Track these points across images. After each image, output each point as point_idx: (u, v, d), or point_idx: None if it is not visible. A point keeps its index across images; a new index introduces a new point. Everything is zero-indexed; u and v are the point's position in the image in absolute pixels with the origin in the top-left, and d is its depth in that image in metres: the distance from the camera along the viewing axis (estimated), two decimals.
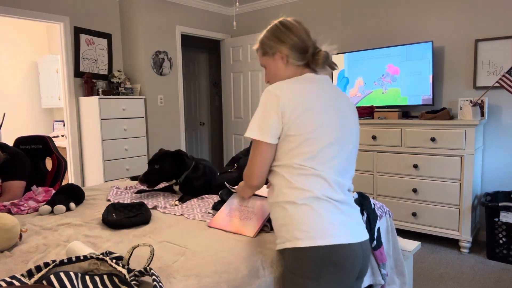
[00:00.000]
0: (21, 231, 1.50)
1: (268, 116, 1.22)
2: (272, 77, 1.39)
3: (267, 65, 1.39)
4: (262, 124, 1.22)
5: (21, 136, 3.07)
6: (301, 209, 1.20)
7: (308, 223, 1.19)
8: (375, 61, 3.71)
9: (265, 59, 1.39)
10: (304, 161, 1.22)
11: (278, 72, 1.37)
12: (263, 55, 1.39)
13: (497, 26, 3.24)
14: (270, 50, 1.36)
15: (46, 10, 3.77)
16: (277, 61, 1.36)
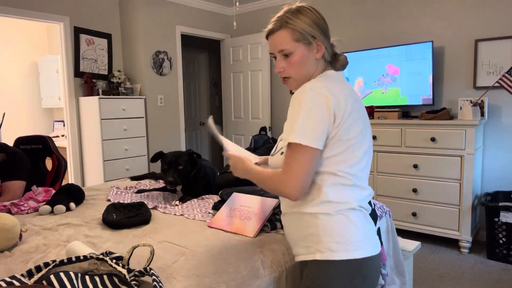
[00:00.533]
0: (21, 231, 1.50)
1: (317, 118, 1.06)
2: (295, 69, 1.18)
3: (294, 53, 1.16)
4: (310, 127, 1.06)
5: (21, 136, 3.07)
6: (336, 219, 1.12)
7: (344, 234, 1.11)
8: (375, 61, 3.71)
9: (294, 46, 1.16)
10: (347, 169, 1.13)
11: (306, 66, 1.18)
12: (295, 41, 1.15)
13: (497, 26, 3.24)
14: (307, 36, 1.15)
15: (46, 10, 3.77)
16: (311, 53, 1.17)
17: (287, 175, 1.08)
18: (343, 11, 4.12)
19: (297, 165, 1.07)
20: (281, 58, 1.18)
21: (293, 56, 1.16)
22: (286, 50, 1.16)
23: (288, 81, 1.21)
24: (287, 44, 1.15)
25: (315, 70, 1.20)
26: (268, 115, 4.80)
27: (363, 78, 3.81)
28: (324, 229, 1.11)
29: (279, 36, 1.16)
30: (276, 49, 1.18)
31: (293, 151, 1.07)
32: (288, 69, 1.18)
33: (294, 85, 1.21)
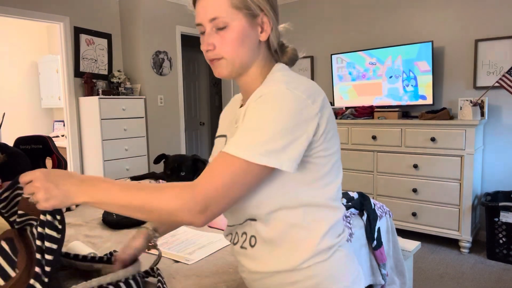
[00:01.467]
0: None
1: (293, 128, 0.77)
2: (231, 47, 0.85)
3: (231, 26, 0.84)
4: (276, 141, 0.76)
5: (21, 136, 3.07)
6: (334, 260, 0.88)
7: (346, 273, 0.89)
8: (375, 61, 3.71)
9: (233, 15, 0.84)
10: (338, 193, 0.89)
11: (245, 45, 0.86)
12: (234, 7, 0.83)
13: (497, 26, 3.24)
14: (252, 5, 0.85)
15: (46, 10, 3.77)
16: (254, 30, 0.86)
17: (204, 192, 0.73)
18: (343, 11, 4.12)
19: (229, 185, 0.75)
20: (212, 31, 0.85)
21: (229, 29, 0.84)
22: (220, 19, 0.83)
23: (219, 63, 0.87)
24: (222, 11, 0.83)
25: (256, 57, 0.89)
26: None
27: (363, 78, 3.81)
28: (327, 278, 0.86)
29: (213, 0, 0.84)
30: (206, 18, 0.85)
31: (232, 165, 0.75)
32: (221, 47, 0.85)
33: (226, 70, 0.88)
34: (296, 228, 0.85)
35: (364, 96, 3.83)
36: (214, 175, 0.75)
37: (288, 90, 0.79)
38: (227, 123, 1.03)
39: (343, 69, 3.94)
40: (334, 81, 4.01)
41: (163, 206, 0.72)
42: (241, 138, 0.77)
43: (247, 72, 0.91)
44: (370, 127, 3.51)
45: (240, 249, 0.93)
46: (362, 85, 3.83)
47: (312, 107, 0.80)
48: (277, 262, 0.86)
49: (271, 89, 0.80)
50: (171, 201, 0.72)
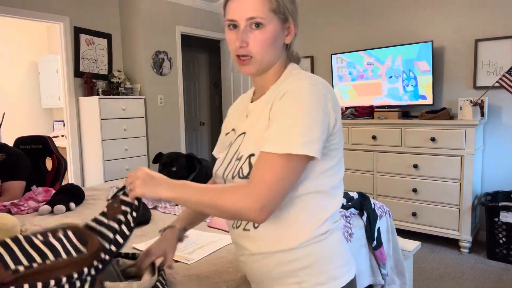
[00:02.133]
0: (21, 231, 1.50)
1: (318, 122, 0.85)
2: (264, 48, 0.91)
3: (267, 27, 0.90)
4: (310, 132, 0.84)
5: (21, 136, 3.07)
6: (330, 242, 0.95)
7: (340, 255, 0.97)
8: (375, 61, 3.71)
9: (270, 17, 0.89)
10: (337, 182, 0.96)
11: (275, 47, 0.93)
12: (271, 11, 0.89)
13: (497, 26, 3.24)
14: (286, 12, 0.92)
15: (46, 10, 3.77)
16: (283, 33, 0.94)
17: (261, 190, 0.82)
18: (342, 11, 4.12)
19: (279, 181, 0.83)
20: (247, 28, 0.90)
21: (265, 30, 0.89)
22: (258, 19, 0.88)
23: (249, 61, 0.93)
24: (261, 11, 0.88)
25: (279, 59, 0.97)
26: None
27: (363, 78, 3.81)
28: (322, 257, 0.93)
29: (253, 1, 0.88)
30: (243, 15, 0.89)
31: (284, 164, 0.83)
32: (254, 45, 0.90)
33: (254, 69, 0.95)
34: (300, 211, 0.91)
35: (364, 96, 3.83)
36: (265, 175, 0.83)
37: (312, 86, 0.86)
38: (236, 118, 1.09)
39: (343, 69, 3.94)
40: (334, 81, 4.01)
41: (229, 206, 0.83)
42: (280, 135, 0.84)
43: (269, 70, 0.98)
44: (370, 127, 3.51)
45: (242, 232, 0.97)
46: (362, 85, 3.83)
47: (330, 102, 0.88)
48: (279, 242, 0.92)
49: (296, 85, 0.87)
50: (236, 203, 0.82)
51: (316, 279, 0.92)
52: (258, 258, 0.96)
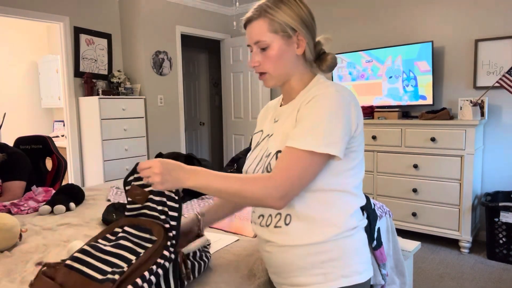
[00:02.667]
0: (21, 231, 1.50)
1: (341, 125, 0.95)
2: (272, 64, 1.05)
3: (271, 46, 1.03)
4: (332, 133, 0.94)
5: (21, 136, 3.07)
6: (357, 238, 1.04)
7: (364, 252, 1.05)
8: (375, 61, 3.71)
9: (271, 38, 1.03)
10: (357, 182, 1.06)
11: (284, 61, 1.05)
12: (272, 32, 1.03)
13: (497, 26, 3.24)
14: (286, 28, 1.03)
15: (46, 10, 3.77)
16: (291, 47, 1.05)
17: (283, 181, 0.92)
18: (342, 11, 4.12)
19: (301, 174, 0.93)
20: (257, 50, 1.06)
21: (270, 49, 1.04)
22: (262, 42, 1.03)
23: (265, 77, 1.08)
24: (263, 35, 1.03)
25: (296, 68, 1.08)
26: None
27: (362, 78, 3.81)
28: (349, 251, 1.01)
29: (256, 26, 1.04)
30: (252, 40, 1.05)
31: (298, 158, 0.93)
32: (264, 64, 1.06)
33: (271, 82, 1.08)
34: (328, 209, 1.00)
35: (364, 96, 3.83)
36: (288, 167, 0.93)
37: (338, 92, 0.97)
38: (264, 121, 1.22)
39: (343, 69, 3.94)
40: (334, 81, 4.01)
41: (252, 195, 0.92)
42: (305, 133, 0.95)
43: (290, 80, 1.09)
44: (370, 127, 3.51)
45: (274, 229, 1.04)
46: (362, 85, 3.83)
47: (353, 109, 0.98)
48: (311, 236, 1.00)
49: (324, 92, 0.98)
50: (259, 191, 0.91)
51: (341, 271, 1.00)
52: (286, 249, 1.02)
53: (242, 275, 1.22)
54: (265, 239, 1.07)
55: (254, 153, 1.14)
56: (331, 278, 0.99)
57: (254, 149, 1.16)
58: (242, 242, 1.45)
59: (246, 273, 1.24)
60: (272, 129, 1.12)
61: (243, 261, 1.30)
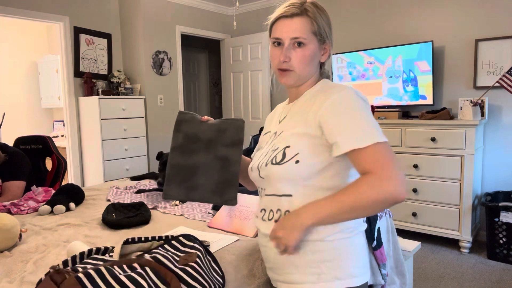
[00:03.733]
0: (21, 231, 1.50)
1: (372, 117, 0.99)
2: (302, 64, 1.05)
3: (308, 46, 1.04)
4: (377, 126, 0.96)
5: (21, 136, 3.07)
6: (355, 241, 1.03)
7: (361, 256, 1.04)
8: (375, 61, 3.71)
9: (310, 38, 1.05)
10: None
11: (312, 64, 1.07)
12: (312, 33, 1.05)
13: (497, 26, 3.24)
14: (323, 34, 1.07)
15: (46, 10, 3.77)
16: (320, 53, 1.09)
17: (390, 171, 0.89)
18: (342, 11, 4.12)
19: (394, 162, 0.91)
20: (290, 46, 1.04)
21: (306, 48, 1.04)
22: (301, 39, 1.03)
23: (289, 74, 1.07)
24: (305, 33, 1.03)
25: (314, 74, 1.11)
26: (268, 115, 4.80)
27: (363, 78, 3.81)
28: (345, 254, 1.00)
29: (299, 22, 1.03)
30: (289, 35, 1.04)
31: (380, 150, 0.91)
32: (295, 61, 1.05)
33: (293, 80, 1.08)
34: None
35: None
36: (380, 160, 0.91)
37: (356, 93, 0.99)
38: (271, 122, 1.23)
39: (343, 69, 3.94)
40: (334, 81, 4.01)
41: (369, 201, 0.89)
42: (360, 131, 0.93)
43: (303, 84, 1.11)
44: None
45: (274, 223, 1.05)
46: (362, 85, 3.83)
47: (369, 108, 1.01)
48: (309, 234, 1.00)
49: (344, 93, 0.98)
50: (373, 194, 0.88)
51: (335, 272, 0.99)
52: None
53: (242, 275, 1.22)
54: (264, 233, 1.09)
55: (261, 151, 1.16)
56: (325, 279, 0.99)
57: (264, 147, 1.17)
58: (242, 242, 1.45)
59: (246, 273, 1.24)
60: (280, 127, 1.13)
61: (243, 261, 1.30)
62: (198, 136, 1.17)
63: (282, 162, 1.01)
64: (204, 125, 1.18)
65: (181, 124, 1.18)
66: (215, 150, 1.15)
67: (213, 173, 1.14)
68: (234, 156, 1.15)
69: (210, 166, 1.15)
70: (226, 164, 1.14)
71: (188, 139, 1.17)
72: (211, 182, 1.14)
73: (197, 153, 1.15)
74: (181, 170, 1.14)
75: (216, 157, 1.15)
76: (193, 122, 1.18)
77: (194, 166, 1.15)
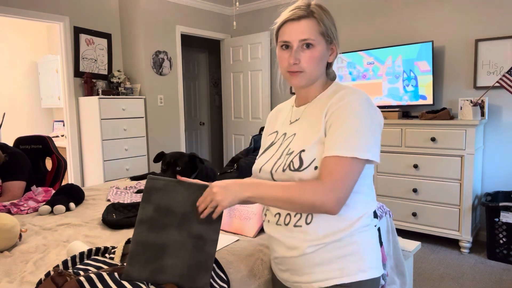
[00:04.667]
0: (21, 231, 1.50)
1: (377, 131, 1.03)
2: (312, 64, 1.07)
3: (316, 47, 1.06)
4: (373, 141, 1.00)
5: (21, 136, 3.07)
6: (371, 234, 1.09)
7: (377, 249, 1.09)
8: (375, 61, 3.71)
9: (319, 39, 1.06)
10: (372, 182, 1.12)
11: (321, 64, 1.09)
12: (320, 34, 1.06)
13: (497, 26, 3.24)
14: (330, 35, 1.08)
15: (46, 10, 3.77)
16: (328, 53, 1.11)
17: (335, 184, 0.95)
18: (342, 11, 4.12)
19: (351, 177, 0.97)
20: (299, 48, 1.06)
21: (314, 50, 1.06)
22: (310, 40, 1.05)
23: (300, 75, 1.08)
24: (313, 34, 1.05)
25: (323, 74, 1.13)
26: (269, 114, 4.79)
27: (363, 78, 3.81)
28: (364, 246, 1.05)
29: (306, 24, 1.05)
30: (297, 37, 1.05)
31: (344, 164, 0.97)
32: (305, 62, 1.06)
33: (304, 81, 1.09)
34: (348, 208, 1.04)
35: None
36: (336, 173, 0.96)
37: (367, 99, 1.03)
38: (276, 122, 1.25)
39: (343, 69, 3.94)
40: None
41: (307, 200, 0.96)
42: (348, 141, 0.97)
43: (315, 83, 1.13)
44: None
45: (293, 228, 1.06)
46: (362, 85, 3.82)
47: (378, 112, 1.05)
48: (328, 235, 1.03)
49: (354, 97, 1.02)
50: (311, 197, 0.95)
51: (357, 266, 1.03)
52: (307, 252, 1.05)
53: (242, 275, 1.22)
54: (278, 238, 1.09)
55: (270, 152, 1.16)
56: (348, 273, 1.02)
57: (268, 148, 1.18)
58: (242, 242, 1.45)
59: (246, 273, 1.24)
60: (291, 129, 1.14)
61: (243, 261, 1.30)
62: (172, 210, 1.02)
63: (302, 168, 1.03)
64: (179, 196, 1.03)
65: (152, 194, 1.03)
66: (189, 227, 1.02)
67: (184, 254, 1.01)
68: (210, 234, 1.03)
69: (181, 245, 1.01)
70: (201, 243, 1.02)
71: (159, 213, 1.02)
72: (182, 264, 1.01)
73: (168, 229, 1.01)
74: (147, 249, 1.00)
75: (190, 235, 1.02)
76: (166, 191, 1.03)
77: (163, 244, 1.01)
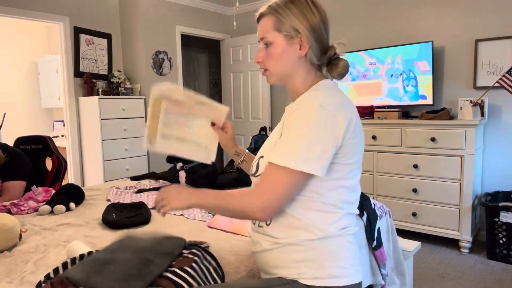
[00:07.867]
0: (21, 231, 1.50)
1: (326, 142, 0.95)
2: (273, 62, 1.07)
3: (273, 44, 1.05)
4: (315, 152, 0.94)
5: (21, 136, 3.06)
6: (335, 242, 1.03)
7: (346, 258, 1.03)
8: (375, 61, 3.71)
9: (274, 36, 1.05)
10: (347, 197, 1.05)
11: (285, 61, 1.06)
12: (275, 30, 1.05)
13: (497, 26, 3.24)
14: (290, 29, 1.04)
15: (46, 10, 3.77)
16: (292, 48, 1.05)
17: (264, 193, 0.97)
18: (343, 11, 4.12)
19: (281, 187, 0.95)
20: (262, 47, 1.09)
21: (272, 47, 1.06)
22: (265, 39, 1.07)
23: (267, 73, 1.11)
24: (268, 32, 1.06)
25: (298, 70, 1.08)
26: (268, 115, 4.80)
27: (363, 78, 3.81)
28: (324, 254, 1.01)
29: (263, 23, 1.07)
30: (259, 37, 1.10)
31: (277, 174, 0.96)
32: (267, 61, 1.08)
33: (272, 79, 1.11)
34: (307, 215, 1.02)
35: (364, 96, 3.83)
36: (267, 181, 0.97)
37: (321, 107, 0.96)
38: None
39: None
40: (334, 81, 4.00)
41: (236, 208, 0.99)
42: (284, 149, 0.97)
43: (292, 80, 1.10)
44: (370, 127, 3.51)
45: (258, 228, 1.11)
46: (362, 85, 3.83)
47: (339, 121, 0.97)
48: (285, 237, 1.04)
49: (307, 105, 0.97)
50: (240, 205, 0.98)
51: (315, 272, 1.01)
52: (267, 249, 1.07)
53: (242, 276, 1.22)
54: (253, 238, 1.13)
55: None
56: (305, 278, 1.01)
57: None
58: (242, 242, 1.45)
59: (246, 274, 1.24)
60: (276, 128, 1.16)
61: (243, 261, 1.30)
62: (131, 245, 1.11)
63: (257, 174, 1.07)
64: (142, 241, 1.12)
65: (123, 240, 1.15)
66: (143, 253, 1.06)
67: (125, 265, 1.02)
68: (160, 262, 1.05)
69: (127, 260, 1.03)
70: (147, 264, 1.03)
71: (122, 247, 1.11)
72: (120, 271, 1.00)
73: (122, 253, 1.07)
74: (96, 261, 1.04)
75: (139, 257, 1.04)
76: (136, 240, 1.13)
77: (111, 259, 1.04)
